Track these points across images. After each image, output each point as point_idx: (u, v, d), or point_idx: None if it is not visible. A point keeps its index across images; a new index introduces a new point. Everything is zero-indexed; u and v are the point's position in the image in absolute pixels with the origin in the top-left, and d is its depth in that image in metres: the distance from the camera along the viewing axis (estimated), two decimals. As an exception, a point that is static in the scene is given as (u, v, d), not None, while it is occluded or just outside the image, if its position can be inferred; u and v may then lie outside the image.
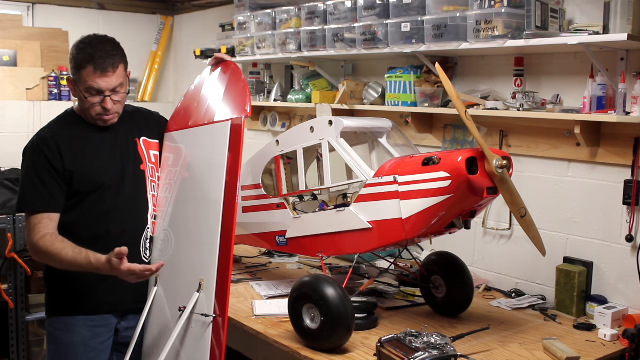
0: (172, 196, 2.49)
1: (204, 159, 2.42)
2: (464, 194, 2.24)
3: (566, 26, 2.79)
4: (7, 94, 4.73)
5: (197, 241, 2.34)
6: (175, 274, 2.40)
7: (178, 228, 2.44)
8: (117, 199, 2.40)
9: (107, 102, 2.33)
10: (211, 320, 2.20)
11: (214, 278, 2.21)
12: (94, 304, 2.40)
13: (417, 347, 2.07)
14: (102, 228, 2.37)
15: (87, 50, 2.30)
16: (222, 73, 2.57)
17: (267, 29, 3.96)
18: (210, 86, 2.59)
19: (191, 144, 2.50)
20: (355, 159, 2.52)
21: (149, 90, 5.61)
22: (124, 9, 5.57)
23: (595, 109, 2.64)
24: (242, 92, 2.40)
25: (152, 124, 2.63)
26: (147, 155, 2.52)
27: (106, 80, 2.29)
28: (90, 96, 2.32)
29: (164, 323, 2.39)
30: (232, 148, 2.30)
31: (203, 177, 2.39)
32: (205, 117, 2.49)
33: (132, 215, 2.44)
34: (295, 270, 3.37)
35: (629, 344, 2.41)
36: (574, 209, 2.86)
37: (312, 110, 3.94)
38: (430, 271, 2.72)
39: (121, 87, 2.36)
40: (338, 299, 2.21)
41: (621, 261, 2.70)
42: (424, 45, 3.01)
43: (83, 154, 2.36)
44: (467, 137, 3.22)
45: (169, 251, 2.44)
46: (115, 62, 2.32)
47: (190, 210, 2.41)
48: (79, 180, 2.34)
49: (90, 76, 2.28)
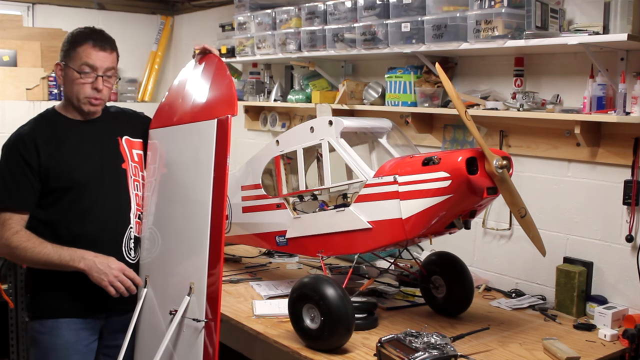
0: (157, 195, 2.46)
1: (189, 158, 2.38)
2: (464, 194, 2.24)
3: (566, 26, 2.79)
4: (7, 94, 4.73)
5: (186, 243, 2.31)
6: (165, 276, 2.38)
7: (165, 228, 2.41)
8: (96, 197, 2.36)
9: (99, 82, 2.31)
10: (203, 325, 2.17)
11: (204, 281, 2.19)
12: (77, 306, 2.37)
13: (417, 347, 2.07)
14: (81, 227, 2.34)
15: (85, 31, 2.34)
16: (206, 68, 2.49)
17: (267, 29, 3.95)
18: (195, 82, 2.51)
19: (176, 142, 2.45)
20: (355, 159, 2.52)
21: (148, 90, 5.61)
22: (124, 9, 5.57)
23: (595, 109, 2.64)
24: (227, 89, 2.33)
25: (136, 123, 2.59)
26: (130, 154, 2.49)
27: (103, 57, 2.30)
28: (84, 75, 2.29)
29: (155, 326, 2.37)
30: (219, 148, 2.24)
31: (189, 177, 2.35)
32: (190, 115, 2.43)
33: (112, 214, 2.40)
34: (295, 270, 3.37)
35: (629, 344, 2.41)
36: (573, 209, 2.86)
37: (312, 110, 3.94)
38: (430, 271, 2.72)
39: (113, 73, 2.36)
40: (338, 299, 2.21)
41: (621, 261, 2.70)
42: (424, 45, 3.01)
43: (60, 150, 2.33)
44: (467, 137, 3.22)
45: (157, 251, 2.41)
46: (112, 45, 2.35)
47: (178, 210, 2.37)
48: (55, 176, 2.31)
49: (87, 51, 2.28)
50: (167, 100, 2.61)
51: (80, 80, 2.31)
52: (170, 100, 2.58)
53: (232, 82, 2.36)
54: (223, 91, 2.36)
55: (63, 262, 2.25)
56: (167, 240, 2.39)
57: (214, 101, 2.37)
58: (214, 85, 2.41)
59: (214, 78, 2.43)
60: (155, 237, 2.43)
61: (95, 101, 2.36)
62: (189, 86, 2.52)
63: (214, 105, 2.35)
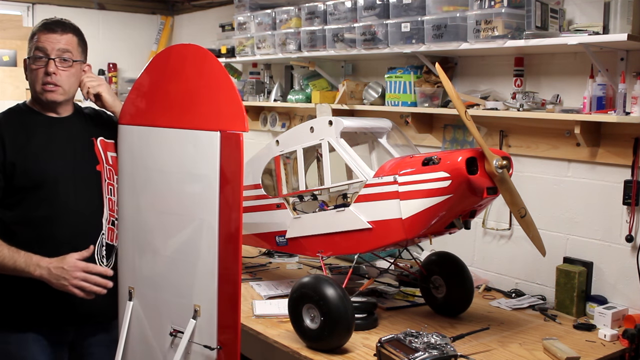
0: (138, 200, 2.24)
1: (182, 168, 2.11)
2: (463, 194, 2.24)
3: (566, 26, 2.79)
4: (7, 94, 4.73)
5: (183, 262, 2.12)
6: (155, 290, 2.19)
7: (150, 239, 2.21)
8: (66, 199, 2.20)
9: (50, 65, 2.17)
10: (215, 354, 2.00)
11: (214, 305, 2.01)
12: (44, 318, 2.21)
13: (417, 347, 2.07)
14: (48, 230, 2.18)
15: (42, 21, 2.28)
16: (203, 70, 2.10)
17: (267, 29, 3.95)
18: (187, 81, 2.13)
19: (161, 146, 2.17)
20: (355, 159, 2.52)
21: (149, 90, 5.61)
22: (124, 9, 5.57)
23: (595, 109, 2.64)
24: (233, 101, 2.00)
25: (112, 126, 2.36)
26: (105, 156, 2.33)
27: (53, 39, 2.19)
28: (37, 60, 2.19)
29: (145, 343, 2.21)
30: (228, 164, 1.98)
31: (183, 189, 2.11)
32: (181, 119, 2.10)
33: (83, 219, 2.24)
34: (295, 270, 3.37)
35: (629, 344, 2.41)
36: (573, 209, 2.86)
37: (312, 110, 3.94)
38: (430, 271, 2.72)
39: (69, 56, 2.22)
40: (338, 299, 2.21)
41: (621, 261, 2.70)
42: (424, 45, 3.01)
43: (28, 146, 2.17)
44: (467, 137, 3.22)
45: (142, 262, 2.22)
46: (66, 28, 2.23)
47: (169, 223, 2.16)
48: (21, 173, 2.15)
49: (38, 37, 2.20)
50: (143, 94, 2.28)
51: (33, 67, 2.20)
52: (149, 95, 2.26)
53: (237, 92, 2.04)
54: (227, 101, 2.02)
55: (18, 269, 2.09)
56: (154, 253, 2.19)
57: (215, 110, 2.05)
58: (215, 92, 2.07)
59: (216, 84, 2.07)
60: (138, 247, 2.24)
61: (50, 87, 2.20)
62: (179, 85, 2.14)
63: (215, 114, 2.04)
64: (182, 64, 2.16)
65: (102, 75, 5.36)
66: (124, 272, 2.28)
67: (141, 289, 2.23)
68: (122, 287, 2.26)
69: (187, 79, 2.13)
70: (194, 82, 2.11)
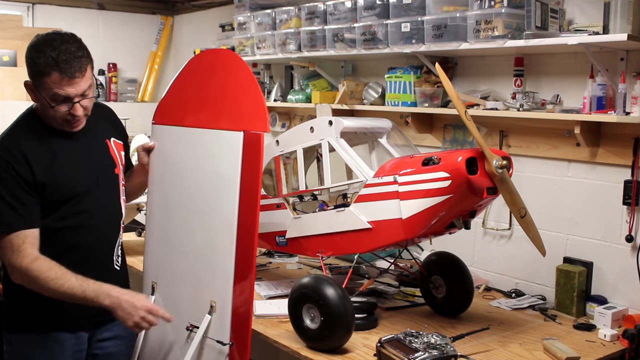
0: (165, 199, 2.33)
1: (207, 167, 2.22)
2: (463, 194, 2.24)
3: (566, 26, 2.79)
4: (7, 94, 4.73)
5: (203, 258, 2.20)
6: (176, 285, 2.27)
7: (174, 235, 2.30)
8: (92, 207, 2.21)
9: (77, 109, 2.10)
10: (227, 350, 2.07)
11: (228, 302, 2.08)
12: (64, 320, 2.20)
13: (417, 347, 2.07)
14: (77, 238, 2.19)
15: (49, 53, 2.01)
16: (231, 73, 2.26)
17: (267, 29, 3.96)
18: (217, 85, 2.28)
19: (188, 146, 2.30)
20: (355, 159, 2.52)
21: (148, 90, 5.61)
22: (124, 9, 5.57)
23: (595, 109, 2.64)
24: (257, 102, 2.14)
25: (117, 123, 2.43)
26: (119, 157, 2.34)
27: (74, 86, 2.05)
28: (57, 104, 2.07)
29: (164, 337, 2.28)
30: (249, 163, 2.07)
31: (208, 187, 2.20)
32: (208, 120, 2.24)
33: (107, 224, 2.27)
34: (295, 270, 3.37)
35: (629, 344, 2.41)
36: (573, 209, 2.86)
37: (312, 110, 3.94)
38: (430, 271, 2.72)
39: (89, 89, 2.12)
40: (338, 299, 2.21)
41: (621, 261, 2.70)
42: (424, 46, 3.01)
43: (54, 164, 2.13)
44: (467, 137, 3.22)
45: (165, 259, 2.31)
46: (83, 64, 2.06)
47: (192, 221, 2.25)
48: (52, 191, 2.12)
49: (56, 83, 2.02)
50: (176, 96, 2.40)
51: (55, 109, 2.09)
52: (181, 97, 2.37)
53: (262, 96, 2.16)
54: (251, 103, 2.16)
55: (88, 298, 2.07)
56: (177, 250, 2.27)
57: (240, 111, 2.18)
58: (241, 94, 2.21)
59: (242, 86, 2.21)
60: (162, 243, 2.32)
61: (75, 123, 2.15)
62: (211, 87, 2.29)
63: (239, 115, 2.17)
64: (212, 67, 2.29)
65: (102, 76, 5.37)
66: (149, 267, 2.37)
67: (163, 284, 2.32)
68: (145, 282, 2.35)
69: (217, 81, 2.26)
70: (223, 84, 2.24)
